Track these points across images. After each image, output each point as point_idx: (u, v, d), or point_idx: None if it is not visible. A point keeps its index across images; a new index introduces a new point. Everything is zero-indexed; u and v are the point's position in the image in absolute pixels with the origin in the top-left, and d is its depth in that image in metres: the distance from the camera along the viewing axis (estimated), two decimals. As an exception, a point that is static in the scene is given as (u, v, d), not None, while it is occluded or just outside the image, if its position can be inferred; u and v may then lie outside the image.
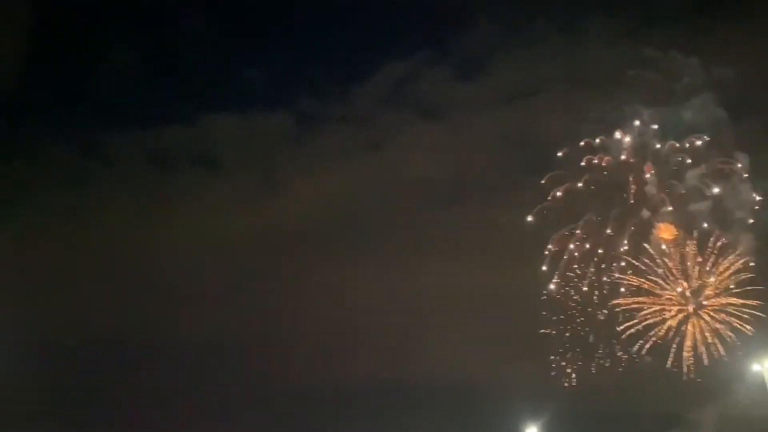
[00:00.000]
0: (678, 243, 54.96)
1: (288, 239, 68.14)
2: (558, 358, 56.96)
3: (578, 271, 57.38)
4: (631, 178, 58.31)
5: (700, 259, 54.60)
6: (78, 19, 69.37)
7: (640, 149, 59.08)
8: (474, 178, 68.22)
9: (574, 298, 57.35)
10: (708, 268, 54.52)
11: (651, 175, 57.89)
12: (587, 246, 57.57)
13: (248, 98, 78.54)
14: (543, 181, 59.11)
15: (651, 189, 57.65)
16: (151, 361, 62.63)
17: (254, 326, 64.31)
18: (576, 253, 57.56)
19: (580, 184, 58.67)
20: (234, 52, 77.37)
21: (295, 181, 71.85)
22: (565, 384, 56.53)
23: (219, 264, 67.73)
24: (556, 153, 59.40)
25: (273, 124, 74.65)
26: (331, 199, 69.67)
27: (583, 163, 59.09)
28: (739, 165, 56.13)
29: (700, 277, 54.59)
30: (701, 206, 56.17)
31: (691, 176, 57.25)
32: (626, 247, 56.54)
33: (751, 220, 55.14)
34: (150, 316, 64.66)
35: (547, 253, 58.06)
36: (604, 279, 56.75)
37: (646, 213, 57.17)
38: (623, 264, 56.20)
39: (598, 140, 59.31)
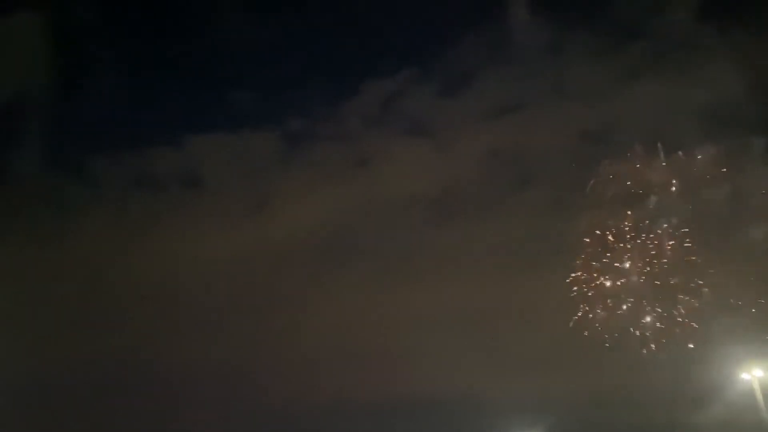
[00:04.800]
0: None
1: (276, 259, 68.17)
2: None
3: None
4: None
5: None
6: (61, 40, 68.88)
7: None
8: (462, 194, 68.86)
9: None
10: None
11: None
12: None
13: (234, 118, 78.38)
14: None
15: (658, 176, 57.74)
16: (139, 381, 62.08)
17: (243, 346, 64.08)
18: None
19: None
20: (219, 73, 77.47)
21: (283, 200, 71.88)
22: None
23: (207, 285, 67.57)
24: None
25: (259, 144, 74.57)
26: (320, 217, 69.87)
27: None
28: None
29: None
30: (717, 192, 56.07)
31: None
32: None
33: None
34: (137, 337, 64.11)
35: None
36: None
37: (653, 200, 57.34)
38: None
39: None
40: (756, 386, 46.60)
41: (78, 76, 71.54)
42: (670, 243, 55.89)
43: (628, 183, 58.49)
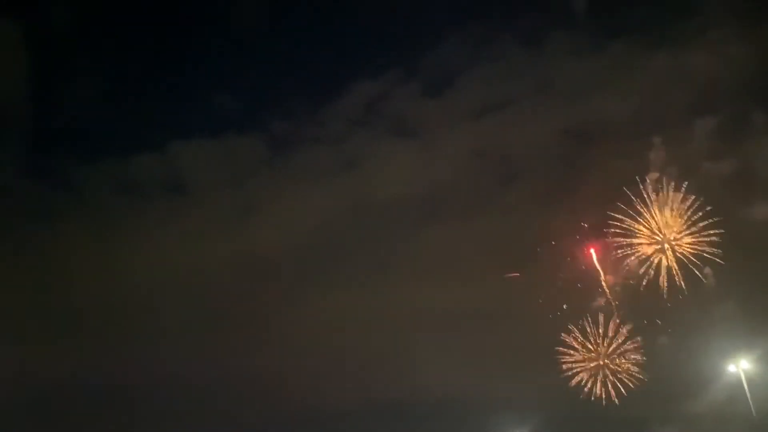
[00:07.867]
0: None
1: (264, 264, 67.88)
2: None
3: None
4: None
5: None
6: (41, 47, 68.21)
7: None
8: (449, 193, 69.12)
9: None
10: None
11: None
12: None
13: (218, 123, 78.08)
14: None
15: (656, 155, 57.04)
16: (123, 395, 62.20)
17: (233, 354, 64.04)
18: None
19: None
20: (202, 77, 77.04)
21: (270, 204, 71.46)
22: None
23: (193, 292, 66.75)
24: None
25: (244, 148, 74.10)
26: (307, 220, 69.87)
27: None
28: None
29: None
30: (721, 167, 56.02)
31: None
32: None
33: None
34: (123, 348, 63.68)
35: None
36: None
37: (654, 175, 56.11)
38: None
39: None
40: (743, 378, 47.12)
41: (59, 83, 70.73)
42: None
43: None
